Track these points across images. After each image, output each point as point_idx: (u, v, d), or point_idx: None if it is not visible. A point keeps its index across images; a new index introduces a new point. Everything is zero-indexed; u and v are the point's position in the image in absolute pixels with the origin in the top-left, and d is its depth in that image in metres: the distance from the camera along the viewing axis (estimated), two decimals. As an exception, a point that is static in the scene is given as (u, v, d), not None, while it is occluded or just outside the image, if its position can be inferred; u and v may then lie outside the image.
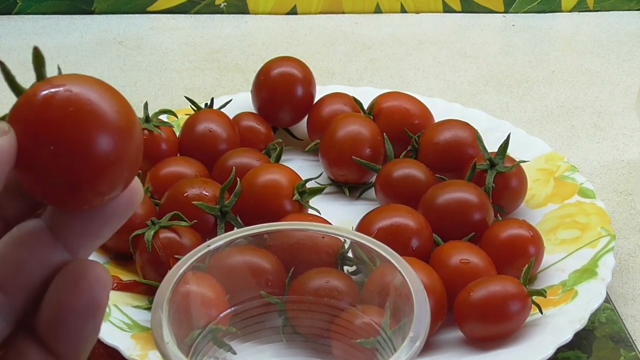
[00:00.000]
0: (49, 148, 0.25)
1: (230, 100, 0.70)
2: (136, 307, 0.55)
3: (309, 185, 0.60)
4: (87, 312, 0.26)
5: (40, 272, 0.27)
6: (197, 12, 0.99)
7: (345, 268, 0.46)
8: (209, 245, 0.38)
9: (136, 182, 0.27)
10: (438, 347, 0.53)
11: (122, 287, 0.56)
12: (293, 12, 0.99)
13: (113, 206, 0.27)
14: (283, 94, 0.70)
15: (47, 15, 0.97)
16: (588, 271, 0.56)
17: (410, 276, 0.36)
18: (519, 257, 0.56)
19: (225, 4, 0.99)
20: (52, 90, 0.25)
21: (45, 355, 0.27)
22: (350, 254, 0.44)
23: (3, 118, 0.26)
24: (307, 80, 0.71)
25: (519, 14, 1.00)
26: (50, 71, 0.26)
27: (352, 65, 0.90)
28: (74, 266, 0.26)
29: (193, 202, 0.56)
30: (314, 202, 0.60)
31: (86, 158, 0.25)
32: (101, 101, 0.25)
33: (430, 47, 0.93)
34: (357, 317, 0.40)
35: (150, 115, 0.65)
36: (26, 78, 0.27)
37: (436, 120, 0.69)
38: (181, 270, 0.37)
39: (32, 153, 0.25)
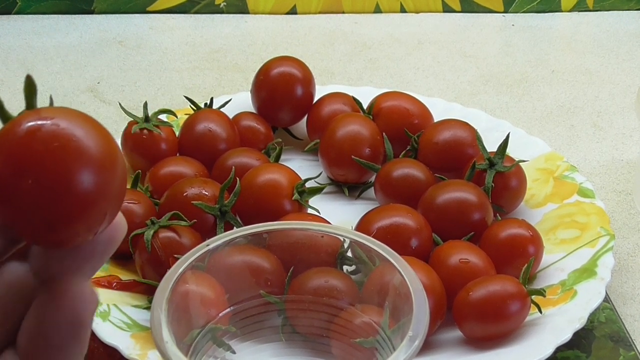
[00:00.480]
0: (28, 181, 0.24)
1: (230, 100, 0.70)
2: (135, 306, 0.55)
3: (308, 184, 0.60)
4: (69, 330, 0.26)
5: (23, 308, 0.26)
6: (196, 12, 0.99)
7: (345, 267, 0.46)
8: (208, 245, 0.38)
9: (119, 219, 0.27)
10: (437, 347, 0.53)
11: (122, 286, 0.56)
12: (293, 11, 0.99)
13: (92, 244, 0.26)
14: (283, 93, 0.70)
15: (47, 15, 0.97)
16: (587, 271, 0.56)
17: (410, 276, 0.36)
18: (519, 256, 0.56)
19: (225, 3, 0.99)
20: (39, 122, 0.24)
21: None
22: (349, 254, 0.44)
23: None
24: (307, 80, 0.71)
25: (518, 14, 1.00)
26: (51, 72, 0.26)
27: (352, 65, 0.90)
28: (59, 282, 0.26)
29: (192, 202, 0.56)
30: (314, 201, 0.60)
31: (66, 195, 0.24)
32: (87, 138, 0.25)
33: (430, 47, 0.93)
34: (356, 317, 0.40)
35: (149, 114, 0.65)
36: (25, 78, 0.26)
37: (436, 120, 0.69)
38: (180, 270, 0.37)
39: (11, 184, 0.24)
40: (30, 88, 0.26)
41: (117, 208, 0.26)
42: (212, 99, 0.69)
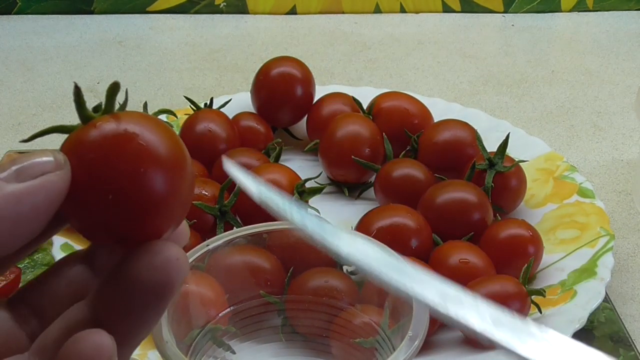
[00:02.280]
0: (106, 189, 0.24)
1: (230, 100, 0.70)
2: (135, 306, 0.55)
3: (308, 185, 0.60)
4: (155, 292, 0.24)
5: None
6: (196, 12, 0.99)
7: (345, 268, 0.46)
8: (208, 245, 0.39)
9: (183, 225, 0.27)
10: (437, 347, 0.53)
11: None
12: (292, 12, 0.99)
13: None
14: (282, 93, 0.70)
15: (47, 15, 0.97)
16: (587, 271, 0.56)
17: (409, 276, 0.36)
18: (518, 256, 0.56)
19: (225, 3, 0.99)
20: (121, 129, 0.24)
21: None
22: (349, 254, 0.43)
23: (66, 130, 0.25)
24: (307, 80, 0.71)
25: (518, 14, 1.00)
26: (51, 72, 0.26)
27: (352, 65, 0.90)
28: (152, 244, 0.25)
29: (192, 202, 0.56)
30: (314, 201, 0.60)
31: (142, 206, 0.24)
32: (164, 148, 0.25)
33: (430, 47, 0.93)
34: (356, 317, 0.40)
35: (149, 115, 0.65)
36: (25, 78, 0.26)
37: (435, 120, 0.69)
38: (180, 270, 0.37)
39: (87, 190, 0.24)
40: (114, 91, 0.25)
41: (185, 212, 0.26)
42: (212, 99, 0.69)
